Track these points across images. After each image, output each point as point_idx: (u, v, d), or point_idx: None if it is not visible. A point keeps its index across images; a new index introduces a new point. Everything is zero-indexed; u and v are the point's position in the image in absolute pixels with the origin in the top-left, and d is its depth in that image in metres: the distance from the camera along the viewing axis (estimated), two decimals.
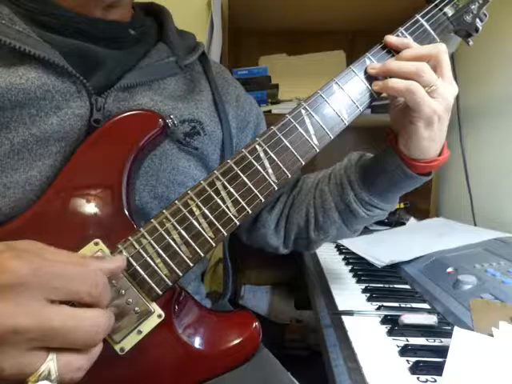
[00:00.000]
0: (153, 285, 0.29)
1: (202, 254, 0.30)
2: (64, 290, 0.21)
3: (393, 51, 0.36)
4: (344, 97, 0.34)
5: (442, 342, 0.36)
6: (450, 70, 0.34)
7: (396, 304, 0.45)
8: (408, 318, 0.38)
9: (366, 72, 0.35)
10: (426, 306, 0.45)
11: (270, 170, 0.32)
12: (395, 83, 0.33)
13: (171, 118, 0.34)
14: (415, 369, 0.31)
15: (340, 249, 0.69)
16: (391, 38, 0.35)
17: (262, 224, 0.47)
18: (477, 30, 0.39)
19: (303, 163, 0.33)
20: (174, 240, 0.29)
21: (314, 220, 0.43)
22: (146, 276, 0.29)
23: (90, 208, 0.30)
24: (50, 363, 0.21)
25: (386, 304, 0.44)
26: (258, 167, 0.32)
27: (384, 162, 0.38)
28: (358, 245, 0.68)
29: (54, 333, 0.20)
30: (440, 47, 0.33)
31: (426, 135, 0.34)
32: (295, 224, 0.45)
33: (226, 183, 0.31)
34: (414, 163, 0.36)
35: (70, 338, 0.21)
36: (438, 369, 0.30)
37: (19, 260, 0.20)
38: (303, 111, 0.33)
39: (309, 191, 0.45)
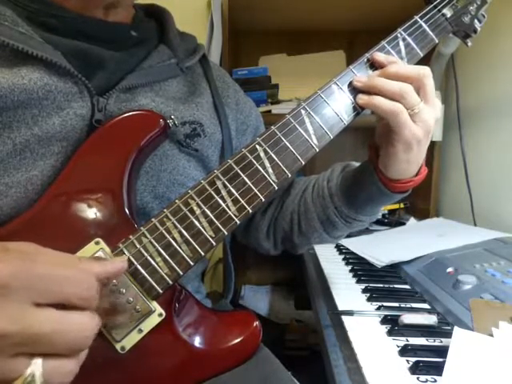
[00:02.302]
0: (153, 283, 0.29)
1: (203, 253, 0.30)
2: (50, 293, 0.20)
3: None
4: (343, 97, 0.35)
5: (441, 342, 0.36)
6: (434, 94, 0.34)
7: (396, 304, 0.45)
8: (408, 318, 0.38)
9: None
10: (426, 306, 0.45)
11: (270, 170, 0.32)
12: (381, 102, 0.33)
13: (172, 119, 0.34)
14: (415, 369, 0.31)
15: (340, 249, 0.69)
16: (378, 56, 0.35)
17: (255, 227, 0.48)
18: (475, 31, 0.39)
19: (303, 163, 0.33)
20: (174, 239, 0.30)
21: (298, 227, 0.45)
22: (146, 275, 0.29)
23: (90, 208, 0.30)
24: (35, 368, 0.20)
25: (385, 304, 0.44)
26: (258, 167, 0.32)
27: (362, 179, 0.39)
28: (357, 245, 0.68)
29: (39, 338, 0.20)
30: (424, 71, 0.33)
31: (405, 158, 0.34)
32: (281, 228, 0.47)
33: (226, 182, 0.31)
34: (390, 183, 0.37)
35: (57, 344, 0.20)
36: (438, 369, 0.30)
37: (2, 262, 0.19)
38: (303, 111, 0.34)
39: (294, 198, 0.46)
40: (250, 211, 0.32)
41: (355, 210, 0.40)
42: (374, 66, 0.35)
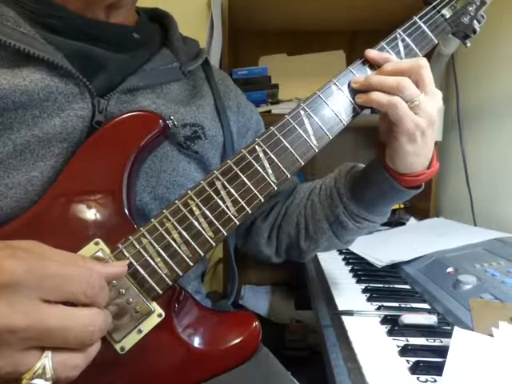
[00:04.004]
0: (153, 284, 0.29)
1: (202, 254, 0.30)
2: (59, 290, 0.21)
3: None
4: (342, 97, 0.35)
5: (442, 341, 0.36)
6: (433, 84, 0.33)
7: (396, 304, 0.45)
8: (408, 318, 0.38)
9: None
10: (426, 306, 0.45)
11: (270, 170, 0.32)
12: (378, 97, 0.33)
13: (171, 119, 0.34)
14: (415, 369, 0.31)
15: (340, 249, 0.69)
16: (371, 53, 0.35)
17: (255, 233, 0.48)
18: (474, 31, 0.39)
19: (302, 163, 0.33)
20: (173, 239, 0.30)
21: (305, 230, 0.44)
22: (146, 275, 0.29)
23: (90, 208, 0.30)
24: (45, 361, 0.21)
25: (385, 304, 0.44)
26: (258, 167, 0.32)
27: (372, 175, 0.38)
28: (358, 245, 0.67)
29: (48, 332, 0.20)
30: (420, 62, 0.33)
31: (410, 150, 0.34)
32: (286, 234, 0.46)
33: (225, 183, 0.31)
34: (400, 177, 0.36)
35: (65, 338, 0.21)
36: (438, 369, 0.30)
37: (14, 259, 0.20)
38: (302, 112, 0.34)
39: (300, 201, 0.46)
40: (250, 212, 0.32)
41: (366, 208, 0.39)
42: (373, 66, 0.36)
